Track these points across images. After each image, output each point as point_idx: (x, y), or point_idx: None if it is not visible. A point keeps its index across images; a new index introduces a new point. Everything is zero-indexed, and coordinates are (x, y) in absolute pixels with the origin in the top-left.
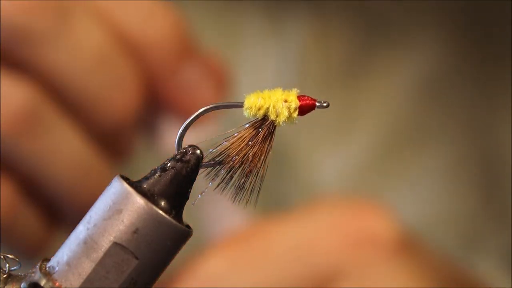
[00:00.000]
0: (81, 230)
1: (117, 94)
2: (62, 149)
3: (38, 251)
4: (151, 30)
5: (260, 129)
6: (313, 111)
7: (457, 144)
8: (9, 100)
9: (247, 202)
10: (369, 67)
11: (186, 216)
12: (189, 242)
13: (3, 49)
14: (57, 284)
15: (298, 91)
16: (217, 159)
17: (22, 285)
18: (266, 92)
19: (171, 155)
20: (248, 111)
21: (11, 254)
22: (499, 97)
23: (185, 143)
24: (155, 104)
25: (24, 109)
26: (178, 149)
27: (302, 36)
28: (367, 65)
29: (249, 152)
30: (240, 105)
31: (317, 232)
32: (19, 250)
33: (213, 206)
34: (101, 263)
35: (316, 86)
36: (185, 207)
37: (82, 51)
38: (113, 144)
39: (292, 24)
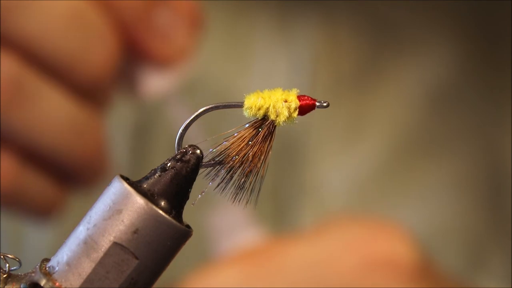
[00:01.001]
0: (81, 230)
1: (95, 49)
2: (52, 112)
3: (53, 212)
4: None
5: (260, 129)
6: (313, 111)
7: (465, 154)
8: None
9: (247, 202)
10: (379, 75)
11: (186, 217)
12: (199, 254)
13: None
14: (57, 284)
15: (298, 91)
16: (217, 159)
17: (22, 285)
18: (266, 92)
19: (171, 155)
20: (248, 111)
21: (11, 255)
22: (506, 106)
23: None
24: (131, 53)
25: (8, 79)
26: (178, 149)
27: (312, 43)
28: (376, 73)
29: (249, 152)
30: (240, 105)
31: (332, 251)
32: (33, 215)
33: (224, 221)
34: (101, 263)
35: (326, 93)
36: (185, 207)
37: (54, 10)
38: (95, 96)
39: (302, 32)
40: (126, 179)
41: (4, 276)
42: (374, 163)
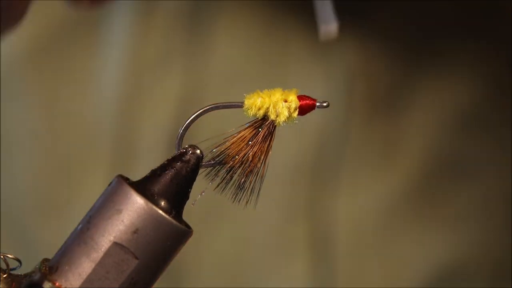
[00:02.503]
0: (81, 230)
1: None
2: None
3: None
4: None
5: (260, 129)
6: (313, 111)
7: (495, 178)
8: None
9: (247, 202)
10: (412, 99)
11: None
12: None
13: None
14: (57, 284)
15: (298, 91)
16: (217, 159)
17: (22, 285)
18: (266, 92)
19: (171, 155)
20: (248, 111)
21: (11, 255)
22: None
23: None
24: None
25: None
26: (178, 149)
27: (347, 67)
28: (410, 96)
29: (249, 152)
30: (240, 105)
31: None
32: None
33: None
34: (101, 263)
35: (361, 115)
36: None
37: None
38: None
39: (337, 55)
40: (126, 179)
41: (4, 276)
42: (406, 187)
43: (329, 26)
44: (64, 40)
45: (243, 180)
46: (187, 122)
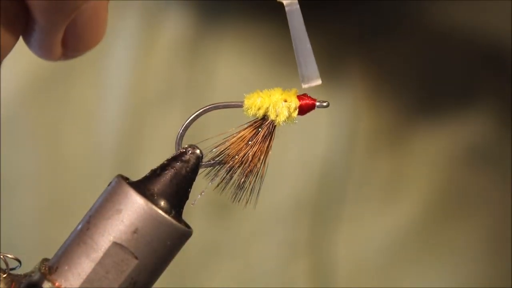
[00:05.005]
0: (80, 230)
1: None
2: None
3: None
4: None
5: (260, 129)
6: (313, 111)
7: (500, 215)
8: None
9: (247, 202)
10: (417, 136)
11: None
12: None
13: None
14: (56, 284)
15: (297, 90)
16: (217, 159)
17: (22, 285)
18: (266, 91)
19: (171, 154)
20: (248, 111)
21: (11, 255)
22: None
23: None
24: None
25: None
26: (177, 149)
27: (352, 102)
28: (414, 133)
29: (249, 151)
30: (239, 105)
31: None
32: None
33: None
34: (100, 263)
35: (362, 152)
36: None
37: None
38: None
39: (342, 90)
40: (125, 179)
41: (4, 276)
42: (409, 224)
43: (311, 83)
44: (65, 75)
45: (243, 180)
46: (186, 122)
